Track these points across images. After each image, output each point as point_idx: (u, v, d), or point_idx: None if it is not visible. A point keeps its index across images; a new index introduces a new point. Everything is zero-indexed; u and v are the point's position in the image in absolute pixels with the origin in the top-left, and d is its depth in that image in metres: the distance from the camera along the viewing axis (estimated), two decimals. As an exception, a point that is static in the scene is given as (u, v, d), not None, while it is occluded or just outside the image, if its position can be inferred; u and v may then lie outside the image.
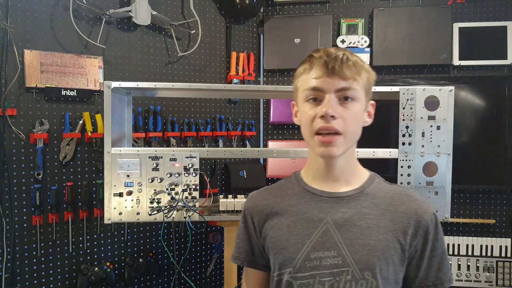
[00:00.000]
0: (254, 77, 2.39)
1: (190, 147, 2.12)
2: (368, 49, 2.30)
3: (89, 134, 1.81)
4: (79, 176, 1.83)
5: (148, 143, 2.02)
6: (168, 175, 1.49)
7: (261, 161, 2.40)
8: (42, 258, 1.75)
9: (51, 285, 1.78)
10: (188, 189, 1.50)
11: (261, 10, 2.43)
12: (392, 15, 2.31)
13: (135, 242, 2.00)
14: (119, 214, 1.48)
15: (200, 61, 2.24)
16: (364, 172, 0.97)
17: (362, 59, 0.89)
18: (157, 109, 2.04)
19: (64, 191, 1.77)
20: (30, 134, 1.70)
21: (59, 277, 1.80)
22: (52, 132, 1.76)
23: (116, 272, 1.91)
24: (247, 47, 2.42)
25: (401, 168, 1.52)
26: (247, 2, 2.25)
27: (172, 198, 1.49)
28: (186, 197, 1.50)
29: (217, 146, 2.27)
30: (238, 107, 2.40)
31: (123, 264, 1.94)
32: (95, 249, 1.88)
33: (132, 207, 1.48)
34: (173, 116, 2.13)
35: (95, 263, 1.87)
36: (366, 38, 2.30)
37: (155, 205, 1.48)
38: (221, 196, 1.72)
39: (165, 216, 1.48)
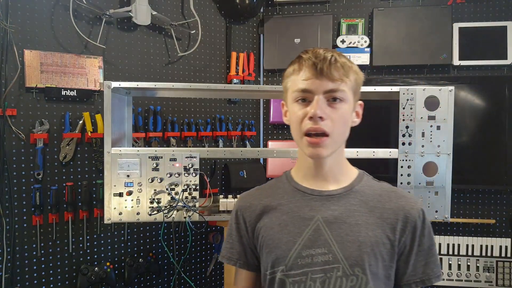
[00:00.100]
0: (254, 77, 2.39)
1: (190, 147, 2.12)
2: (368, 49, 2.30)
3: (89, 134, 1.81)
4: (79, 176, 1.83)
5: (148, 143, 2.02)
6: (168, 175, 1.49)
7: (261, 161, 2.40)
8: (42, 258, 1.75)
9: (51, 285, 1.78)
10: (188, 189, 1.50)
11: (261, 10, 2.43)
12: (392, 15, 2.31)
13: (135, 242, 2.00)
14: (119, 214, 1.48)
15: (200, 61, 2.24)
16: (353, 170, 0.98)
17: (351, 59, 0.91)
18: (157, 109, 2.04)
19: (64, 191, 1.77)
20: (30, 134, 1.70)
21: (59, 277, 1.80)
22: (52, 132, 1.76)
23: (116, 272, 1.91)
24: (247, 47, 2.42)
25: (401, 168, 1.52)
26: (247, 2, 2.25)
27: (172, 198, 1.49)
28: (186, 197, 1.50)
29: (217, 146, 2.27)
30: (238, 107, 2.40)
31: (123, 264, 1.94)
32: (95, 249, 1.88)
33: (132, 207, 1.48)
34: (173, 116, 2.13)
35: (95, 263, 1.87)
36: (366, 38, 2.30)
37: (155, 205, 1.48)
38: (221, 196, 1.71)
39: (165, 216, 1.48)
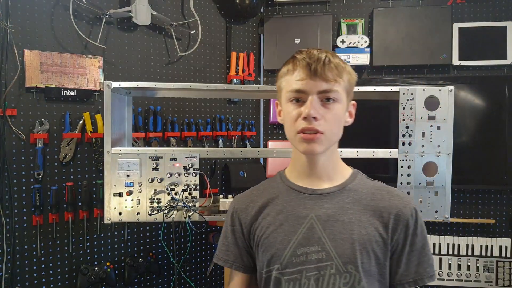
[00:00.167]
0: (254, 77, 2.39)
1: (190, 147, 2.12)
2: (368, 49, 2.29)
3: (89, 134, 1.81)
4: (79, 176, 1.83)
5: (148, 143, 2.02)
6: (168, 175, 1.49)
7: (261, 161, 2.40)
8: (42, 258, 1.75)
9: (51, 285, 1.78)
10: (188, 189, 1.50)
11: (261, 10, 2.42)
12: (392, 15, 2.31)
13: (135, 242, 2.00)
14: (119, 214, 1.48)
15: (200, 61, 2.24)
16: (347, 169, 0.99)
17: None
18: (157, 109, 2.04)
19: (64, 191, 1.77)
20: (30, 134, 1.70)
21: (59, 277, 1.80)
22: (52, 132, 1.76)
23: (116, 272, 1.91)
24: (247, 47, 2.42)
25: (401, 168, 1.52)
26: (247, 2, 2.25)
27: (172, 198, 1.49)
28: (186, 197, 1.50)
29: (217, 146, 2.27)
30: (238, 107, 2.40)
31: (123, 264, 1.94)
32: (95, 249, 1.88)
33: (132, 207, 1.48)
34: (173, 116, 2.13)
35: (95, 263, 1.87)
36: (366, 38, 2.30)
37: (155, 205, 1.48)
38: (221, 196, 1.71)
39: (165, 216, 1.48)
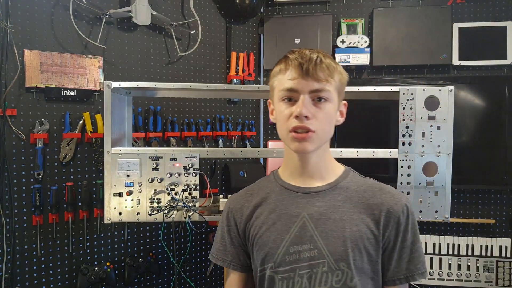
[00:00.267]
0: (254, 77, 2.39)
1: (190, 147, 2.12)
2: (368, 49, 2.30)
3: (89, 134, 1.81)
4: (79, 176, 1.83)
5: (148, 143, 2.02)
6: (168, 175, 1.49)
7: (261, 161, 2.40)
8: (42, 258, 1.75)
9: (51, 285, 1.78)
10: (188, 189, 1.50)
11: (261, 10, 2.42)
12: (392, 15, 2.31)
13: (135, 242, 2.00)
14: (119, 214, 1.48)
15: (200, 61, 2.24)
16: (339, 167, 1.00)
17: (336, 60, 0.92)
18: (157, 109, 2.04)
19: (64, 191, 1.77)
20: (30, 134, 1.70)
21: (59, 277, 1.80)
22: (52, 132, 1.76)
23: (116, 272, 1.91)
24: (247, 47, 2.42)
25: (401, 168, 1.52)
26: (247, 2, 2.25)
27: (172, 198, 1.49)
28: (186, 197, 1.50)
29: (217, 146, 2.27)
30: (238, 107, 2.40)
31: (123, 264, 1.94)
32: (95, 249, 1.88)
33: (132, 207, 1.48)
34: (173, 116, 2.13)
35: (95, 263, 1.87)
36: (366, 38, 2.30)
37: (155, 205, 1.48)
38: (221, 196, 1.72)
39: (165, 216, 1.48)
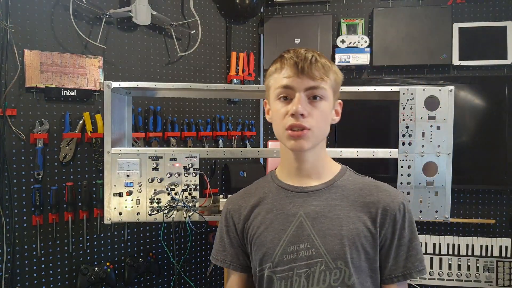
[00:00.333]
0: (254, 77, 2.39)
1: (190, 147, 2.12)
2: (368, 49, 2.30)
3: (89, 134, 1.81)
4: (79, 176, 1.83)
5: (148, 143, 2.02)
6: (168, 175, 1.49)
7: (261, 161, 2.40)
8: (42, 258, 1.75)
9: (51, 285, 1.78)
10: (188, 189, 1.50)
11: (261, 10, 2.42)
12: (392, 15, 2.31)
13: (135, 242, 2.00)
14: (119, 214, 1.48)
15: (200, 61, 2.24)
16: (335, 166, 1.00)
17: (331, 60, 0.93)
18: (157, 109, 2.04)
19: (64, 191, 1.77)
20: (30, 134, 1.70)
21: (59, 277, 1.80)
22: (52, 132, 1.76)
23: (116, 272, 1.91)
24: (247, 47, 2.42)
25: (401, 168, 1.52)
26: (247, 2, 2.25)
27: (172, 198, 1.49)
28: (186, 197, 1.50)
29: (217, 146, 2.27)
30: (238, 107, 2.40)
31: (123, 264, 1.94)
32: (95, 249, 1.88)
33: (132, 207, 1.48)
34: (173, 116, 2.13)
35: (95, 263, 1.87)
36: (366, 38, 2.30)
37: (155, 205, 1.48)
38: (221, 196, 1.71)
39: (165, 216, 1.48)
